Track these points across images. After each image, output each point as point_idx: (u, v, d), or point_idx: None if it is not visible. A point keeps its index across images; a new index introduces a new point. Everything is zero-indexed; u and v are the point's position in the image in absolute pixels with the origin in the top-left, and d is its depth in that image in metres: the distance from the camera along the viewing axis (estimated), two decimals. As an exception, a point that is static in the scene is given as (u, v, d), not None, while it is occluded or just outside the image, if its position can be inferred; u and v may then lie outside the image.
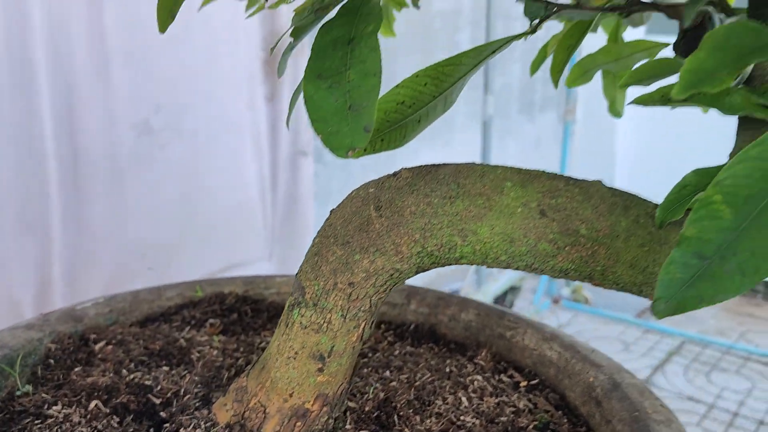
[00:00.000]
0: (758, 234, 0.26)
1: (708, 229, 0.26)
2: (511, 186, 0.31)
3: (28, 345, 0.43)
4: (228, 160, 1.67)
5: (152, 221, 1.52)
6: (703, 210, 0.26)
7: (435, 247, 0.32)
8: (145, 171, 1.57)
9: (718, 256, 0.26)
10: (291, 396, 0.36)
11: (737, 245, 0.26)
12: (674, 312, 0.26)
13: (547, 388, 0.44)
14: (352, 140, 0.29)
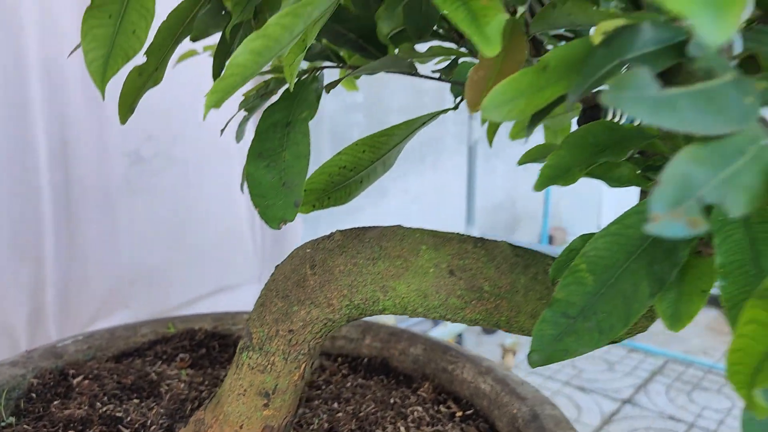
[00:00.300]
0: (613, 298, 0.31)
1: (574, 293, 0.31)
2: (425, 249, 0.37)
3: (12, 381, 0.48)
4: (218, 187, 1.73)
5: (144, 247, 1.57)
6: (570, 276, 0.32)
7: (361, 300, 0.37)
8: (137, 199, 1.62)
9: (581, 316, 0.32)
10: (241, 428, 0.41)
11: (596, 307, 0.31)
12: (545, 363, 0.31)
13: (480, 418, 0.49)
14: (284, 213, 0.34)
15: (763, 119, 0.19)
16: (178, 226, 1.70)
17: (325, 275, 0.37)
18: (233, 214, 1.84)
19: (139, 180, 1.61)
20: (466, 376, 0.52)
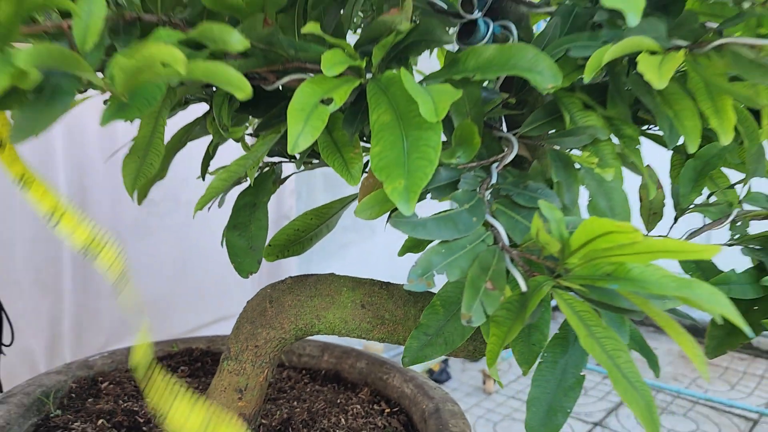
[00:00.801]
0: (454, 323, 0.49)
1: (431, 320, 0.49)
2: (346, 290, 0.55)
3: (57, 384, 0.66)
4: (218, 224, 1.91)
5: (151, 281, 1.76)
6: (431, 308, 0.49)
7: (303, 325, 0.55)
8: (147, 238, 1.83)
9: (435, 335, 0.49)
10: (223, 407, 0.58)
11: (444, 329, 0.49)
12: (412, 364, 0.49)
13: (402, 414, 0.67)
14: (250, 267, 0.52)
15: (488, 223, 0.37)
16: (181, 263, 1.89)
17: (278, 308, 0.56)
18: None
19: (148, 221, 1.81)
20: (395, 383, 0.70)
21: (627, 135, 0.42)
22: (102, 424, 0.61)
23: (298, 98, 0.33)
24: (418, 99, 0.31)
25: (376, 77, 0.36)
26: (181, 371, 0.72)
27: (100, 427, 0.61)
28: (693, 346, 0.35)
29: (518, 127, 0.44)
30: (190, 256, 1.96)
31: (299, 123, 0.33)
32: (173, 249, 1.92)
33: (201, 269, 2.00)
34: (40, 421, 0.62)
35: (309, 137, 0.32)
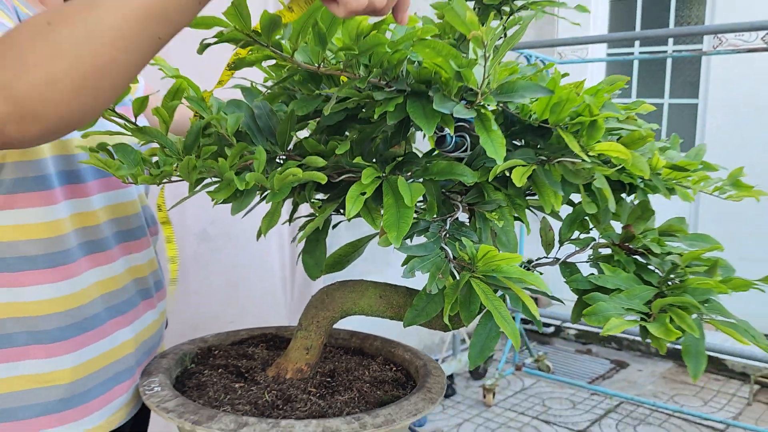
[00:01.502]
0: (431, 304, 0.89)
1: (419, 302, 0.89)
2: (371, 288, 0.96)
3: (189, 350, 1.07)
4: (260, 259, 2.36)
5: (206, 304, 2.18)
6: (418, 297, 0.90)
7: (346, 309, 0.96)
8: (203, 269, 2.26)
9: (421, 311, 0.89)
10: (296, 364, 0.98)
11: (426, 308, 0.89)
12: (408, 325, 0.89)
13: (404, 370, 1.06)
14: (316, 275, 0.93)
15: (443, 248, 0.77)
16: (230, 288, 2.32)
17: (331, 298, 0.96)
18: (271, 276, 2.47)
19: (204, 254, 2.25)
20: (399, 353, 1.10)
21: (518, 204, 0.83)
22: (220, 372, 1.02)
23: (352, 191, 0.74)
24: (403, 193, 0.72)
25: (388, 179, 0.77)
26: (261, 346, 1.13)
27: (219, 374, 1.01)
28: (534, 309, 0.76)
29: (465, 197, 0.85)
30: (237, 283, 2.40)
31: (351, 202, 0.74)
32: (223, 278, 2.37)
33: (246, 293, 2.43)
34: (183, 370, 1.03)
35: (355, 209, 0.73)
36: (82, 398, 0.89)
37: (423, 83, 0.73)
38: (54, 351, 0.85)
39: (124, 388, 0.96)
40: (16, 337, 0.82)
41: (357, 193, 0.74)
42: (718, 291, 0.77)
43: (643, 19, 4.02)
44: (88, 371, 0.89)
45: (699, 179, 0.89)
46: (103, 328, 0.91)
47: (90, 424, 0.90)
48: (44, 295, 0.82)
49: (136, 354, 0.99)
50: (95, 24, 0.56)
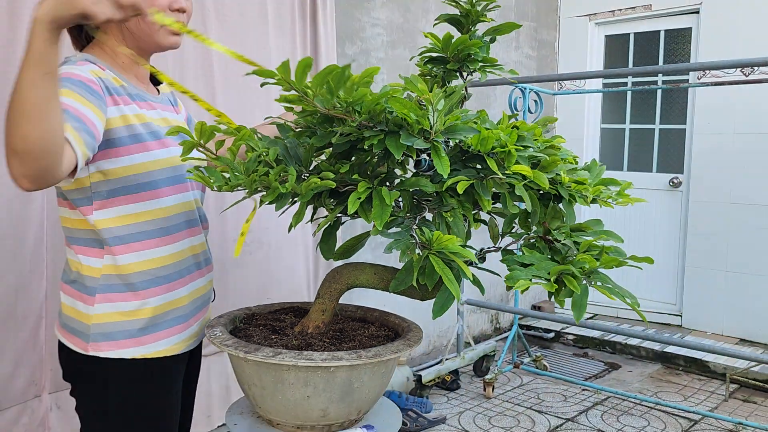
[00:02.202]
0: (409, 276, 1.29)
1: (400, 275, 1.30)
2: (368, 267, 1.35)
3: (238, 315, 1.48)
4: (288, 262, 2.79)
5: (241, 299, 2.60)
6: (400, 272, 1.30)
7: (350, 282, 1.36)
8: (239, 269, 2.70)
9: (401, 281, 1.29)
10: (315, 322, 1.38)
11: (405, 279, 1.29)
12: (393, 291, 1.29)
13: (394, 331, 1.46)
14: (330, 258, 1.33)
15: (412, 235, 1.16)
16: (262, 287, 2.74)
17: (340, 275, 1.37)
18: (297, 279, 2.91)
19: (244, 256, 2.69)
20: (391, 320, 1.49)
21: (465, 206, 1.23)
22: (260, 328, 1.42)
23: (352, 196, 1.14)
24: (384, 196, 1.12)
25: (376, 188, 1.17)
26: (290, 314, 1.53)
27: (259, 330, 1.41)
28: (455, 289, 1.15)
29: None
30: (268, 282, 2.83)
31: (351, 203, 1.13)
32: (257, 277, 2.80)
33: (276, 292, 2.85)
34: (234, 327, 1.44)
35: (353, 208, 1.13)
36: (154, 329, 1.33)
37: (396, 125, 1.13)
38: (143, 296, 1.29)
39: (179, 329, 1.38)
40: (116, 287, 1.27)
41: (355, 198, 1.15)
42: (591, 265, 1.15)
43: (635, 52, 4.40)
44: (158, 312, 1.33)
45: (594, 191, 1.28)
46: (171, 284, 1.34)
47: (156, 348, 1.33)
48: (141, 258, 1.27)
49: (189, 306, 1.41)
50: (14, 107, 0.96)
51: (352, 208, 1.14)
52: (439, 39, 1.33)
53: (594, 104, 4.57)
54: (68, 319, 1.32)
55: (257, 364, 1.23)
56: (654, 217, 4.37)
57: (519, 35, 4.20)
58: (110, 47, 1.30)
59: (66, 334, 1.33)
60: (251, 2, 2.63)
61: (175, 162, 1.31)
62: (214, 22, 2.51)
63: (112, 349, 1.28)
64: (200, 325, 1.44)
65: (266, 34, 2.69)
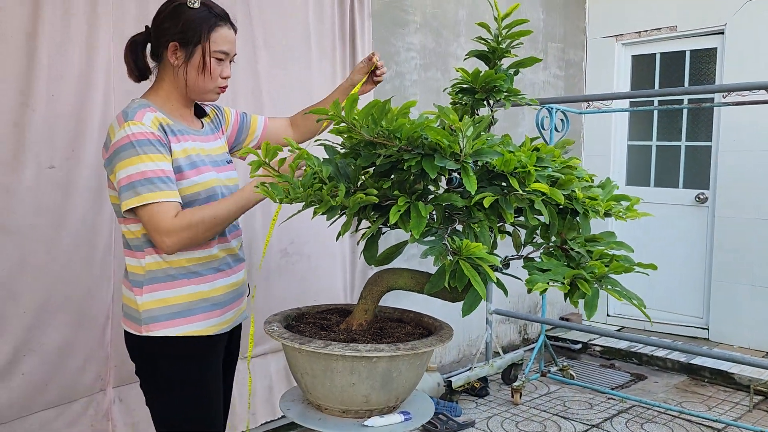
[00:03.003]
0: (441, 280, 1.48)
1: (434, 279, 1.48)
2: (406, 272, 1.54)
3: (290, 314, 1.67)
4: (327, 270, 3.00)
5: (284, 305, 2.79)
6: (433, 277, 1.49)
7: (390, 285, 1.54)
8: (283, 277, 2.92)
9: (435, 283, 1.48)
10: (358, 320, 1.57)
11: (437, 282, 1.48)
12: (428, 292, 1.47)
13: (427, 329, 1.63)
14: (373, 263, 1.52)
15: (444, 243, 1.34)
16: (302, 295, 2.95)
17: (380, 278, 1.55)
18: (335, 290, 3.11)
19: (286, 266, 2.90)
20: (425, 320, 1.67)
21: (492, 219, 1.40)
22: (310, 326, 1.61)
23: (393, 209, 1.33)
24: (421, 209, 1.31)
25: (413, 203, 1.36)
26: (335, 314, 1.72)
27: (309, 326, 1.61)
28: (482, 289, 1.33)
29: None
30: (309, 290, 3.04)
31: (393, 215, 1.32)
32: (297, 286, 3.02)
33: (314, 299, 3.05)
34: (287, 324, 1.63)
35: (394, 219, 1.32)
36: (190, 313, 1.56)
37: (431, 149, 1.32)
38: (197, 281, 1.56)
39: (216, 314, 1.60)
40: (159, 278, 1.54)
41: (396, 211, 1.34)
42: (600, 270, 1.32)
43: (661, 71, 4.53)
44: (193, 299, 1.56)
45: (605, 206, 1.44)
46: (212, 275, 1.60)
47: (195, 328, 1.56)
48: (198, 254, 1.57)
49: (223, 297, 1.63)
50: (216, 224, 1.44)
51: (393, 219, 1.34)
52: (469, 73, 1.52)
53: (621, 122, 4.71)
54: (127, 308, 1.59)
55: (310, 354, 1.42)
56: (680, 232, 4.47)
57: (547, 56, 4.37)
58: (165, 92, 1.59)
59: (126, 321, 1.59)
60: (296, 30, 2.86)
61: (209, 184, 1.57)
62: (262, 49, 2.74)
63: (159, 329, 1.53)
64: (235, 312, 1.68)
65: (309, 58, 2.92)
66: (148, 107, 1.52)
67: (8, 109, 2.08)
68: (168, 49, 1.54)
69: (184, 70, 1.55)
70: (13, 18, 2.06)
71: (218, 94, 1.62)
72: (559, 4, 4.46)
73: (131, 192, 1.43)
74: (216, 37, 1.54)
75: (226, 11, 1.60)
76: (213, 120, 1.75)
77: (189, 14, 1.52)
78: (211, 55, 1.54)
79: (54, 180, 2.18)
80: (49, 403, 2.24)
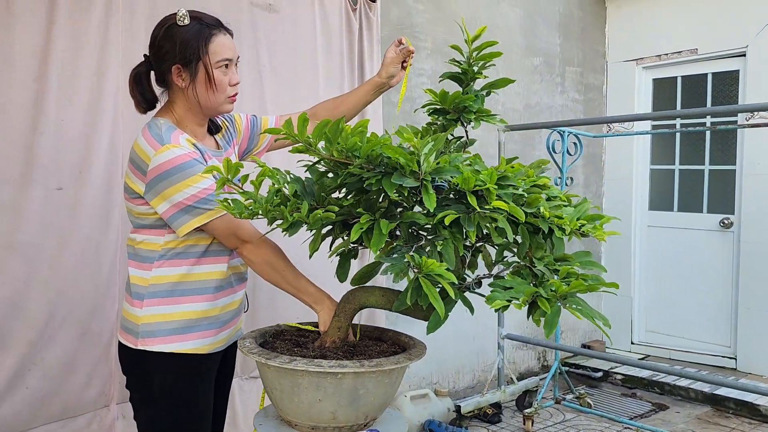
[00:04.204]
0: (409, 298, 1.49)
1: (401, 297, 1.50)
2: (377, 290, 1.55)
3: (268, 330, 1.70)
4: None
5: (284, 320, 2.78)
6: (401, 294, 1.50)
7: (361, 303, 1.56)
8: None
9: (402, 301, 1.49)
10: (331, 338, 1.59)
11: (405, 299, 1.49)
12: (396, 310, 1.48)
13: (402, 348, 1.64)
14: (344, 280, 1.54)
15: (406, 261, 1.35)
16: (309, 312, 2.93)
17: (353, 296, 1.57)
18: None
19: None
20: (402, 339, 1.68)
21: (457, 237, 1.41)
22: (286, 342, 1.64)
23: (355, 227, 1.36)
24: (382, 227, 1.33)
25: (377, 220, 1.38)
26: (315, 333, 1.74)
27: (285, 344, 1.63)
28: (440, 306, 1.34)
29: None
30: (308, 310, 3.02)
31: (354, 232, 1.35)
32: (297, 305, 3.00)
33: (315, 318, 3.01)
34: (264, 340, 1.66)
35: (355, 236, 1.35)
36: (189, 330, 1.60)
37: (391, 167, 1.35)
38: (198, 299, 1.61)
39: (212, 333, 1.65)
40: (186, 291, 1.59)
41: (358, 228, 1.36)
42: (559, 289, 1.31)
43: (683, 95, 4.46)
44: (201, 315, 1.61)
45: (573, 225, 1.44)
46: (213, 294, 1.64)
47: (190, 346, 1.60)
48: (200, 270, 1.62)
49: (223, 316, 1.67)
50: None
51: (354, 236, 1.36)
52: (437, 93, 1.55)
53: (643, 146, 4.64)
54: (125, 321, 1.63)
55: (277, 369, 1.45)
56: (705, 258, 4.35)
57: (564, 80, 4.36)
58: (179, 115, 1.60)
59: (122, 333, 1.63)
60: (303, 57, 2.93)
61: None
62: (269, 75, 2.82)
63: (155, 344, 1.56)
64: (230, 332, 1.71)
65: (317, 86, 2.99)
66: (175, 128, 1.55)
67: (19, 133, 2.19)
68: (172, 73, 1.55)
69: (194, 90, 1.55)
70: (25, 45, 2.18)
71: (232, 103, 1.62)
72: (576, 29, 4.46)
73: (194, 212, 1.51)
74: (214, 48, 1.54)
75: (217, 18, 1.59)
76: (225, 135, 1.76)
77: (182, 33, 1.52)
78: (214, 66, 1.54)
79: (61, 201, 2.28)
80: (52, 417, 2.31)
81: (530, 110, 4.11)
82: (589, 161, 4.62)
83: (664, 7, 4.42)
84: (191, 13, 1.54)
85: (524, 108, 4.07)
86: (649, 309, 4.64)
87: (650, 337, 4.63)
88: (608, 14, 4.70)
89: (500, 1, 3.91)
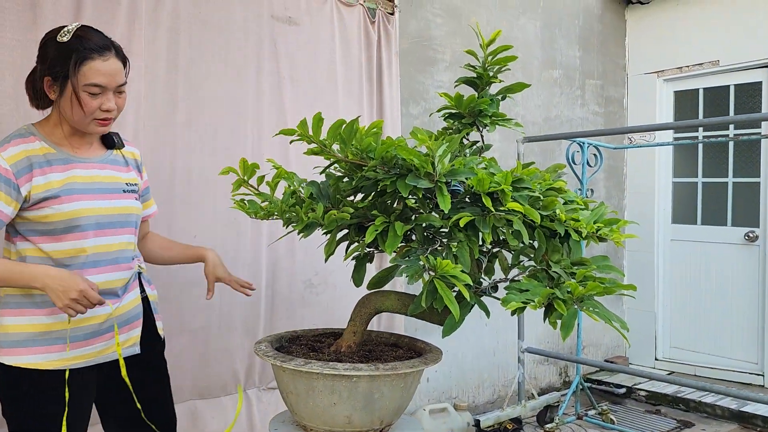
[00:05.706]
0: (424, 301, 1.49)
1: (417, 300, 1.49)
2: (393, 294, 1.55)
3: (285, 335, 1.70)
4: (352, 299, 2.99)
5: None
6: (417, 298, 1.50)
7: (377, 307, 1.55)
8: (306, 309, 2.95)
9: (417, 305, 1.49)
10: (347, 342, 1.58)
11: (420, 302, 1.49)
12: (411, 314, 1.47)
13: (418, 353, 1.63)
14: (360, 285, 1.54)
15: (421, 263, 1.35)
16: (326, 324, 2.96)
17: (369, 301, 1.57)
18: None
19: (310, 297, 2.93)
20: (419, 345, 1.67)
21: (472, 240, 1.41)
22: (302, 347, 1.64)
23: (370, 229, 1.36)
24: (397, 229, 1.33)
25: (391, 223, 1.38)
26: (330, 338, 1.74)
27: (300, 348, 1.63)
28: (455, 308, 1.33)
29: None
30: (332, 319, 3.05)
31: (369, 234, 1.35)
32: (322, 315, 3.03)
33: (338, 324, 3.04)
34: (279, 345, 1.66)
35: (370, 238, 1.35)
36: (32, 344, 1.48)
37: (406, 169, 1.35)
38: (42, 312, 1.50)
39: (57, 348, 1.50)
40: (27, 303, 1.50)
41: (373, 230, 1.37)
42: (575, 290, 1.30)
43: (705, 107, 4.41)
44: (42, 329, 1.49)
45: (589, 228, 1.42)
46: (42, 310, 1.51)
47: (33, 360, 1.48)
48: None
49: (74, 331, 1.51)
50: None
51: (369, 238, 1.36)
52: (452, 98, 1.55)
53: (665, 158, 4.59)
54: None
55: (292, 372, 1.45)
56: (731, 272, 4.27)
57: (584, 93, 4.34)
58: (54, 120, 1.55)
59: None
60: (322, 69, 2.96)
61: (73, 214, 1.50)
62: (288, 87, 2.85)
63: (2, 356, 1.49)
64: (97, 348, 1.56)
65: (336, 96, 3.01)
66: (23, 137, 1.51)
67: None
68: (44, 83, 1.51)
69: (59, 104, 1.51)
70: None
71: (102, 126, 1.54)
72: (596, 41, 4.44)
73: None
74: (85, 71, 1.46)
75: (109, 41, 1.53)
76: (128, 159, 1.69)
77: (57, 49, 1.47)
78: (81, 89, 1.47)
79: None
80: None
81: (550, 122, 4.10)
82: (611, 174, 4.58)
83: (685, 19, 4.40)
84: (79, 31, 1.50)
85: (544, 120, 4.06)
86: (673, 324, 4.56)
87: (675, 354, 4.54)
88: (628, 27, 4.68)
89: (519, 14, 3.92)
